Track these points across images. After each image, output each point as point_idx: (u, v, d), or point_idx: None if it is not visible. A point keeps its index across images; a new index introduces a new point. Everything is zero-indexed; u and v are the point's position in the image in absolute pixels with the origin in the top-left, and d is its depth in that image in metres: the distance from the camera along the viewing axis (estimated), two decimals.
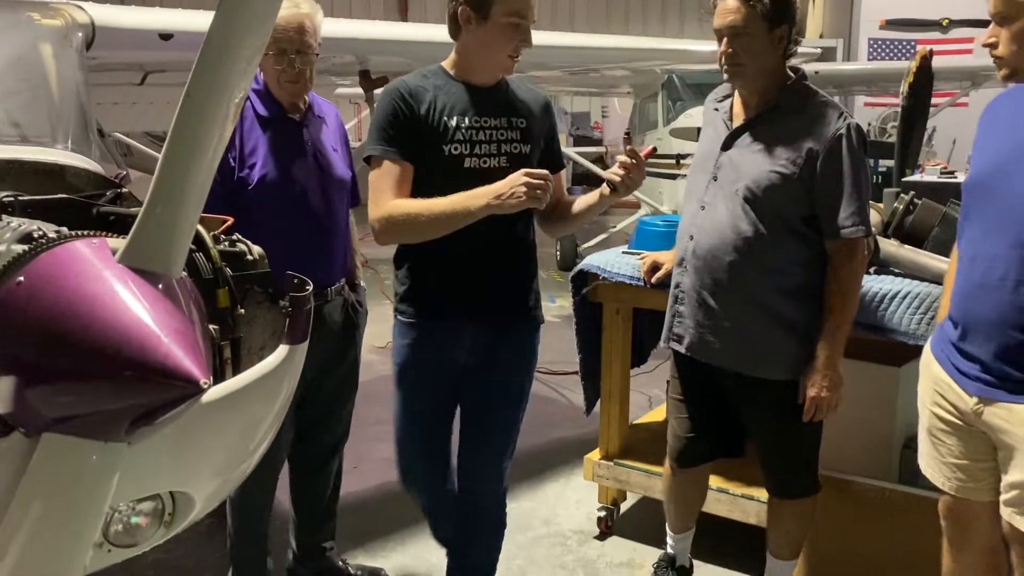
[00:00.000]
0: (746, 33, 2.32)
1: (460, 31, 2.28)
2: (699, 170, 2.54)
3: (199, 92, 1.23)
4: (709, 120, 2.59)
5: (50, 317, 1.18)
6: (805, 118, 2.38)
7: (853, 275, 2.41)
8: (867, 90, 10.70)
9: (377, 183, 2.26)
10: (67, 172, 2.10)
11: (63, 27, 2.57)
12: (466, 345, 2.42)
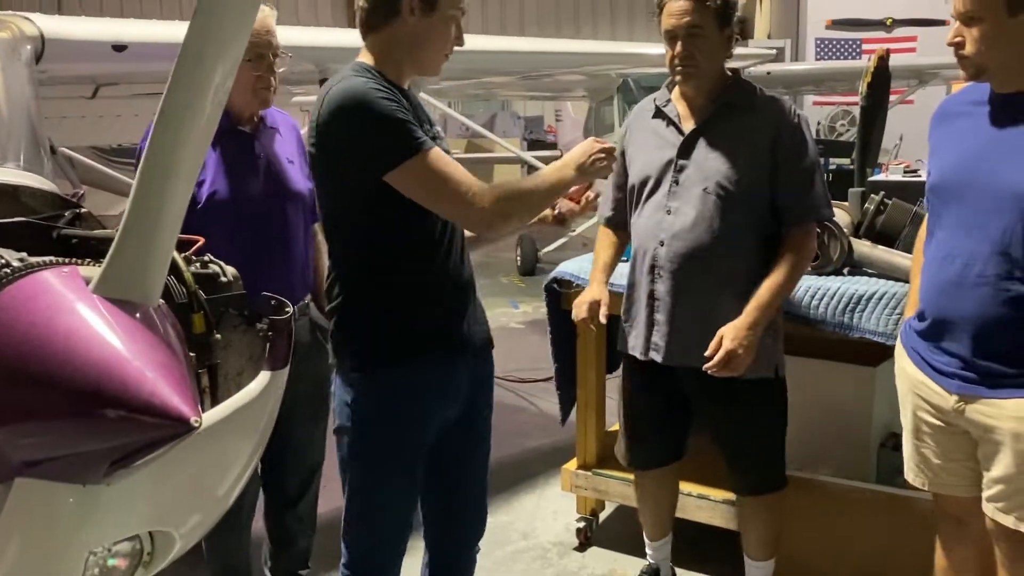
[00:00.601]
0: (701, 33, 2.33)
1: (389, 24, 1.97)
2: (652, 178, 2.51)
3: (174, 111, 1.16)
4: (643, 128, 2.57)
5: (21, 354, 1.09)
6: (759, 113, 2.43)
7: (808, 257, 2.51)
8: (816, 89, 10.87)
9: (449, 170, 1.92)
10: (21, 192, 2.00)
11: (10, 40, 2.46)
12: (451, 392, 2.12)
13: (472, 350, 2.15)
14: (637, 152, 2.57)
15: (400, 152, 1.88)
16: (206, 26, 1.14)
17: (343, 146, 1.92)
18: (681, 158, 2.45)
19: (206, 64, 1.15)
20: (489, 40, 6.61)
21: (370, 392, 2.05)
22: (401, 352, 2.03)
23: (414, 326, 2.04)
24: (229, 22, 1.16)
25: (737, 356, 2.35)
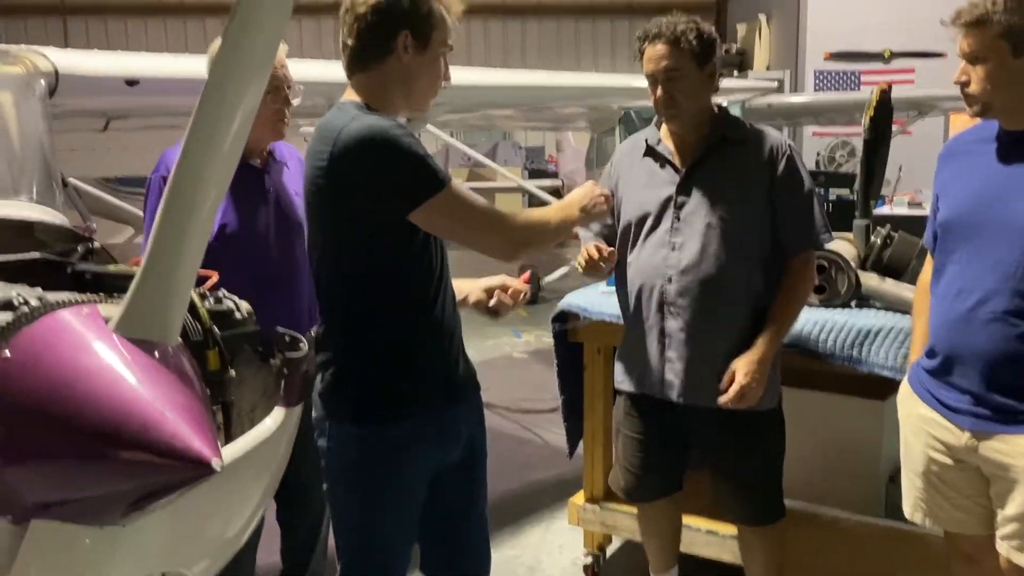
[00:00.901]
0: (680, 76, 2.38)
1: (382, 62, 1.95)
2: (652, 215, 2.52)
3: (196, 150, 1.17)
4: (635, 166, 2.58)
5: (42, 395, 1.09)
6: (751, 145, 2.47)
7: (810, 285, 2.60)
8: (815, 120, 10.95)
9: (473, 201, 1.95)
10: (36, 227, 2.01)
11: (24, 75, 2.49)
12: (453, 438, 2.08)
13: (466, 392, 2.14)
14: (631, 190, 2.58)
15: (427, 188, 1.88)
16: (229, 66, 1.15)
17: (362, 184, 1.88)
18: (681, 194, 2.48)
19: (228, 105, 1.16)
20: (492, 74, 6.67)
21: (372, 445, 1.98)
22: (404, 403, 1.99)
23: (416, 375, 2.01)
24: (252, 61, 1.18)
25: (751, 390, 2.37)
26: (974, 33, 1.98)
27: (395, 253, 1.95)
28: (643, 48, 2.43)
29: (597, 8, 16.78)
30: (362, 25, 1.93)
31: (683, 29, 2.36)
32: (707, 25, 2.44)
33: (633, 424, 2.67)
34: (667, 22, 2.39)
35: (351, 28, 1.95)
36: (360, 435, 1.99)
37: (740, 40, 14.34)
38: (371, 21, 1.92)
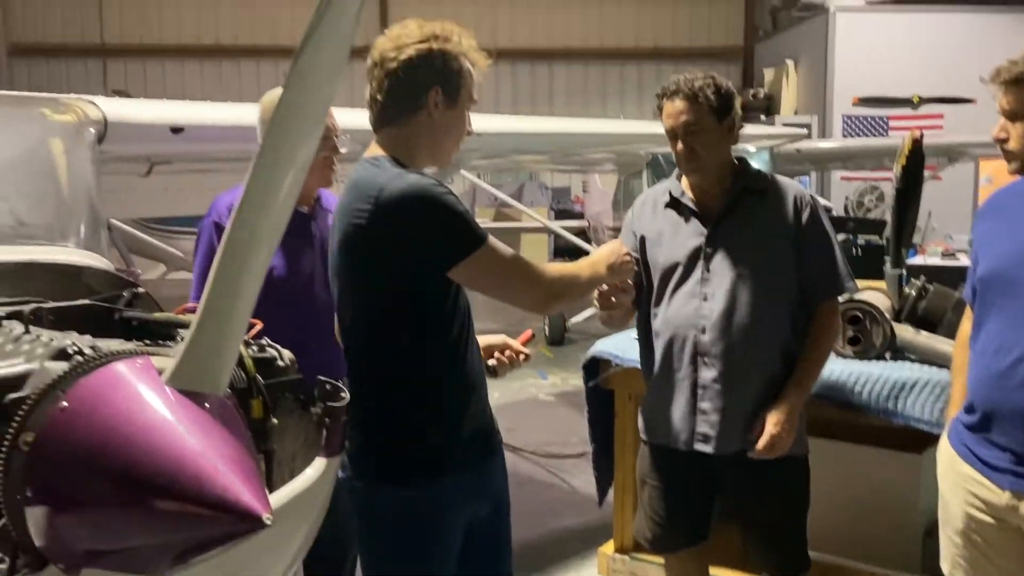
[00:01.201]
0: (699, 130, 2.42)
1: (412, 118, 1.97)
2: (681, 266, 2.53)
3: (251, 209, 1.20)
4: (658, 217, 2.60)
5: (98, 446, 1.11)
6: (774, 195, 2.52)
7: (836, 332, 2.64)
8: (843, 165, 10.95)
9: (510, 256, 1.97)
10: (83, 273, 2.05)
11: (75, 123, 2.56)
12: (487, 492, 2.08)
13: (498, 444, 2.14)
14: (656, 242, 2.60)
15: (468, 245, 1.91)
16: (284, 128, 1.19)
17: (406, 241, 1.90)
18: (709, 245, 2.51)
19: (282, 164, 1.19)
20: (522, 121, 6.76)
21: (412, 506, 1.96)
22: (443, 460, 1.98)
23: (453, 430, 2.00)
24: (306, 123, 1.21)
25: (781, 439, 2.39)
26: (1014, 91, 1.99)
27: (430, 308, 1.96)
28: (662, 104, 2.49)
29: (624, 52, 16.96)
30: (393, 81, 1.94)
31: (700, 85, 2.42)
32: (724, 80, 2.49)
33: (659, 474, 2.66)
34: (684, 79, 2.45)
35: (381, 83, 1.96)
36: (399, 497, 1.97)
37: (767, 85, 14.42)
38: (402, 77, 1.93)
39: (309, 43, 1.15)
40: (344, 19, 1.18)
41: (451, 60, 1.96)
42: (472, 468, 2.02)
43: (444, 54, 1.95)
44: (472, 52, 2.01)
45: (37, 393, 1.19)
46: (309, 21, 1.16)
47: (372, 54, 1.97)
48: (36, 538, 1.16)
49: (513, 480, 2.26)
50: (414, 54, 1.93)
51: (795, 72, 13.65)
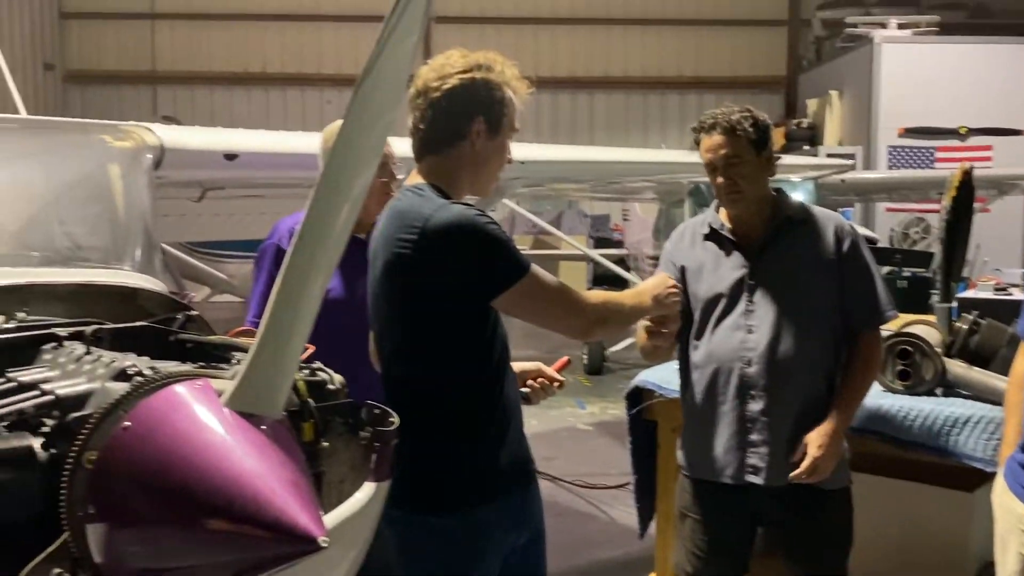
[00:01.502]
0: (739, 162, 2.44)
1: (454, 148, 1.99)
2: (725, 297, 2.52)
3: (311, 237, 1.22)
4: (697, 248, 2.60)
5: (158, 466, 1.14)
6: (814, 225, 2.51)
7: (878, 360, 2.62)
8: (889, 197, 10.83)
9: (553, 283, 1.99)
10: (138, 295, 2.10)
11: (133, 149, 2.64)
12: (527, 520, 2.09)
13: (534, 471, 2.14)
14: (696, 274, 2.59)
15: (513, 274, 1.92)
16: (343, 158, 1.21)
17: (451, 270, 1.91)
18: (752, 277, 2.50)
19: (340, 196, 1.22)
20: (563, 150, 6.81)
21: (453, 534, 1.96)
22: (487, 486, 1.99)
23: (494, 456, 2.00)
24: (364, 156, 1.24)
25: (823, 462, 2.37)
26: None
27: (471, 337, 1.98)
28: (699, 138, 2.50)
29: (666, 81, 17.00)
30: (437, 110, 1.96)
31: (738, 118, 2.43)
32: (760, 113, 2.50)
33: (700, 507, 2.63)
34: (722, 112, 2.46)
35: (424, 113, 1.97)
36: (436, 525, 1.96)
37: (811, 115, 14.35)
38: (445, 106, 1.95)
39: (369, 75, 1.18)
40: (402, 51, 1.21)
41: (494, 90, 1.98)
42: (509, 496, 2.02)
43: (487, 84, 1.97)
44: (514, 81, 2.03)
45: (100, 412, 1.22)
46: (369, 54, 1.19)
47: (415, 83, 1.98)
48: (96, 555, 1.18)
49: (552, 511, 2.26)
50: (457, 84, 1.94)
51: (839, 102, 13.57)
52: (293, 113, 16.24)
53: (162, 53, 16.47)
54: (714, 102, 2.59)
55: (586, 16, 16.79)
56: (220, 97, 16.62)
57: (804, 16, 16.62)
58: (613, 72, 17.03)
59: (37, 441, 1.26)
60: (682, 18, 16.84)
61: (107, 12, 16.55)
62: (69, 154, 2.53)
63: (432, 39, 16.53)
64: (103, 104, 16.30)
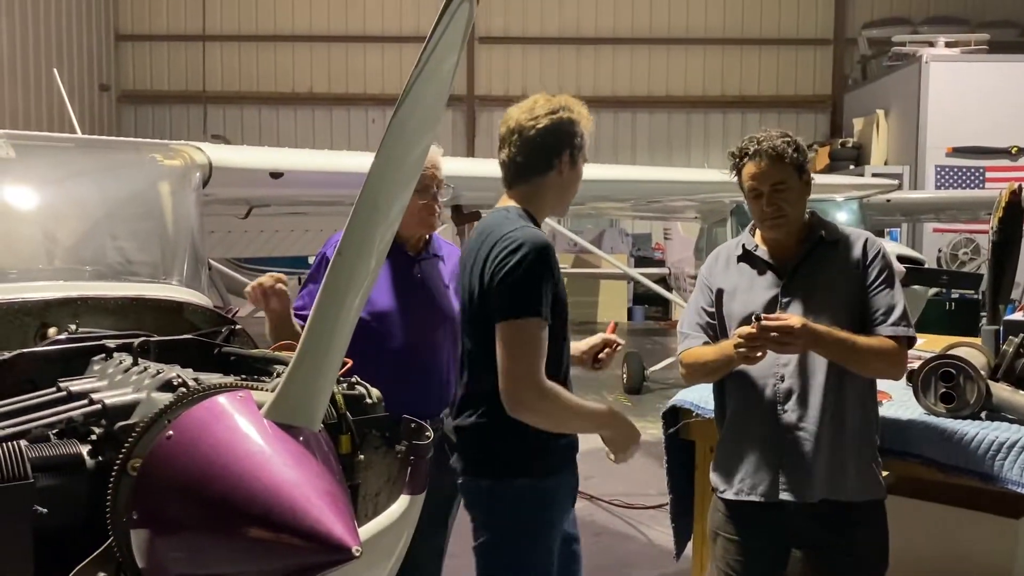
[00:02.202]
0: (786, 188, 2.46)
1: (541, 177, 2.32)
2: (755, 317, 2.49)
3: (349, 254, 1.26)
4: (729, 270, 2.61)
5: (200, 474, 1.18)
6: (844, 245, 2.53)
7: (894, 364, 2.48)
8: (937, 218, 10.64)
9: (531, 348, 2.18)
10: (184, 309, 2.16)
11: (182, 167, 2.71)
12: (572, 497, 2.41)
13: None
14: (732, 294, 2.60)
15: (511, 312, 2.16)
16: (382, 178, 1.24)
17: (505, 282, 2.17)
18: (785, 296, 2.52)
19: (381, 211, 1.25)
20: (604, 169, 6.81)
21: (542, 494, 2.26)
22: (558, 456, 2.28)
23: (555, 440, 2.26)
24: (401, 175, 1.27)
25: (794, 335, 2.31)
26: None
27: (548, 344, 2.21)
28: (741, 164, 2.51)
29: (709, 101, 16.95)
30: (531, 146, 2.29)
31: (781, 144, 2.44)
32: (798, 137, 2.52)
33: (734, 527, 2.61)
34: (764, 138, 2.47)
35: (519, 147, 2.30)
36: (519, 487, 2.25)
37: (857, 134, 14.19)
38: (539, 142, 2.29)
39: (408, 96, 1.21)
40: (442, 73, 1.24)
41: (575, 127, 2.32)
42: (568, 471, 2.33)
43: (571, 122, 2.32)
44: (586, 119, 2.36)
45: (146, 421, 1.26)
46: (409, 74, 1.22)
47: (507, 123, 2.33)
48: (139, 559, 1.22)
49: (589, 530, 2.33)
50: (548, 123, 2.28)
51: (886, 121, 13.41)
52: (338, 132, 16.51)
53: (212, 74, 16.88)
54: (757, 121, 2.63)
55: (628, 36, 16.85)
56: (268, 116, 16.97)
57: (850, 35, 16.48)
58: (656, 91, 17.04)
59: (85, 448, 1.31)
60: (726, 37, 16.81)
61: (160, 35, 17.04)
62: (121, 172, 2.61)
63: (476, 59, 16.75)
64: (155, 123, 16.76)
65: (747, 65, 16.90)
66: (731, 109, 16.87)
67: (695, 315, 2.66)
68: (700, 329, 2.64)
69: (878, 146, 13.40)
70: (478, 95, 16.83)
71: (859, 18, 16.46)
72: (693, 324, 2.65)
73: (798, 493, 2.46)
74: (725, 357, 2.46)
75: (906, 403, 2.84)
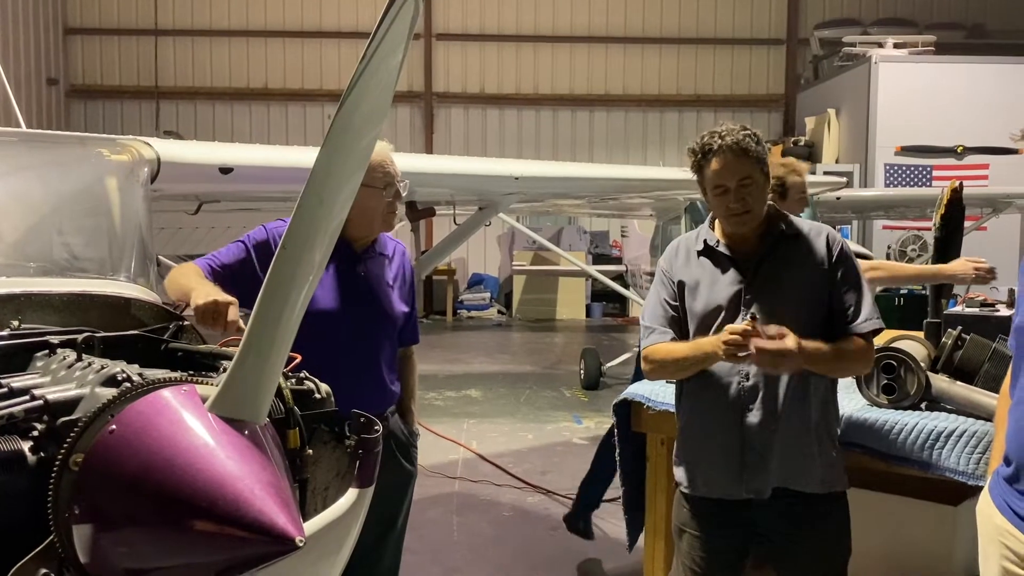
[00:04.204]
0: (752, 182, 2.46)
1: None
2: (724, 310, 2.53)
3: (294, 247, 1.26)
4: (690, 265, 2.61)
5: (143, 468, 1.17)
6: (806, 239, 2.54)
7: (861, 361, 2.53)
8: (886, 215, 10.87)
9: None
10: (132, 305, 2.13)
11: (130, 162, 2.67)
12: None
13: None
14: (694, 289, 2.59)
15: None
16: (327, 170, 1.25)
17: None
18: (748, 292, 2.51)
19: (325, 207, 1.25)
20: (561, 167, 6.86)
21: None
22: None
23: None
24: (349, 164, 1.28)
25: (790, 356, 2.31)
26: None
27: None
28: (703, 160, 2.48)
29: (665, 100, 17.11)
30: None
31: (744, 139, 2.43)
32: (756, 130, 2.52)
33: (699, 523, 2.63)
34: (726, 132, 2.46)
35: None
36: None
37: (809, 133, 14.44)
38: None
39: (353, 91, 1.22)
40: (388, 68, 1.25)
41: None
42: None
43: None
44: None
45: (88, 417, 1.25)
46: (355, 68, 1.23)
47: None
48: (81, 555, 1.21)
49: (545, 524, 2.30)
50: None
51: (837, 121, 13.66)
52: (294, 128, 16.36)
53: (165, 69, 16.61)
54: (712, 120, 2.66)
55: (586, 34, 16.94)
56: (222, 113, 16.74)
57: (802, 35, 16.77)
58: (612, 90, 17.16)
59: (26, 444, 1.29)
60: (681, 37, 16.99)
61: (111, 28, 16.71)
62: (66, 167, 2.56)
63: (434, 56, 16.70)
64: (106, 119, 16.45)
65: (702, 64, 17.10)
66: (687, 108, 17.05)
67: (660, 308, 2.62)
68: (666, 323, 2.60)
69: (829, 145, 13.64)
70: (436, 92, 16.80)
71: (811, 19, 16.75)
72: (658, 318, 2.61)
73: (763, 489, 2.49)
74: (700, 355, 2.43)
75: (850, 395, 2.91)
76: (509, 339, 14.01)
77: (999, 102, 11.87)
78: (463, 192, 4.33)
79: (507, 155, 15.63)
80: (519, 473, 5.99)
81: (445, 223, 6.93)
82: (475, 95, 16.83)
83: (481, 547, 4.63)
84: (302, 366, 1.80)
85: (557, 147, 16.74)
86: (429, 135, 16.72)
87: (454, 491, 5.67)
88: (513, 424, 7.69)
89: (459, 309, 16.42)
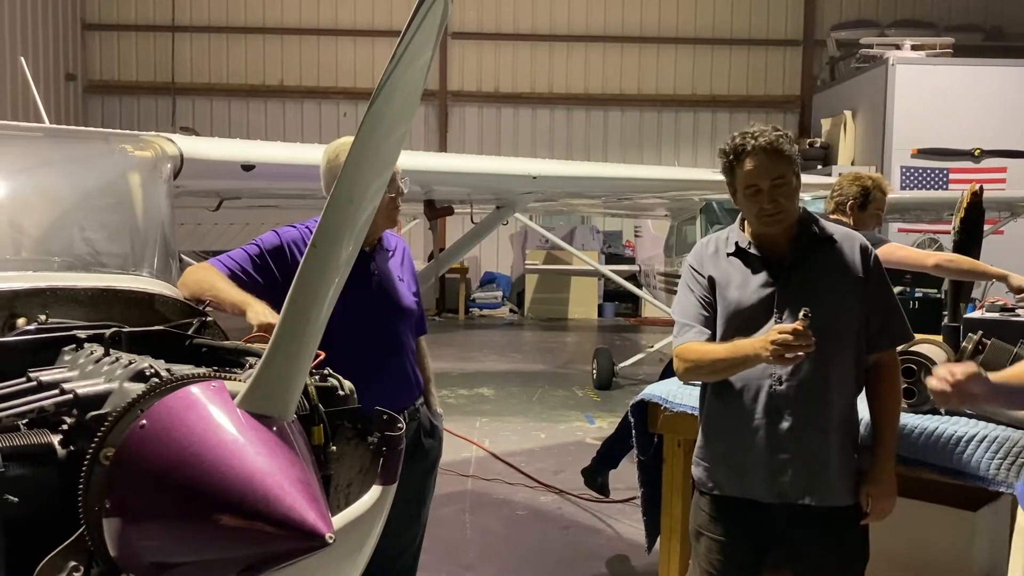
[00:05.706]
0: (785, 183, 2.44)
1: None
2: (751, 317, 2.50)
3: (324, 244, 1.26)
4: (719, 265, 2.58)
5: (173, 463, 1.18)
6: (839, 244, 2.52)
7: (899, 382, 2.57)
8: (901, 217, 10.81)
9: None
10: (155, 300, 2.14)
11: (153, 158, 2.69)
12: None
13: None
14: (725, 290, 2.56)
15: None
16: (358, 168, 1.25)
17: None
18: (781, 295, 2.49)
19: (354, 207, 1.26)
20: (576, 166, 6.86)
21: None
22: None
23: None
24: (378, 167, 1.28)
25: (884, 509, 2.46)
26: None
27: None
28: (736, 161, 2.45)
29: (679, 100, 17.06)
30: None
31: (778, 139, 2.42)
32: (787, 131, 2.52)
33: (719, 526, 2.61)
34: (759, 132, 2.44)
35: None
36: None
37: (824, 135, 14.37)
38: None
39: (384, 89, 1.22)
40: (417, 67, 1.25)
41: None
42: None
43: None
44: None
45: (118, 411, 1.26)
46: (384, 68, 1.23)
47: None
48: (111, 548, 1.22)
49: (558, 524, 2.30)
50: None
51: (853, 122, 13.58)
52: (309, 126, 16.41)
53: (182, 65, 16.69)
54: (727, 121, 2.64)
55: (601, 34, 16.91)
56: (238, 109, 16.82)
57: (819, 36, 16.68)
58: (628, 90, 17.13)
59: (56, 438, 1.31)
60: (697, 37, 16.93)
61: (128, 24, 16.80)
62: (91, 163, 2.58)
63: (449, 54, 16.72)
64: (123, 114, 16.55)
65: (718, 65, 17.04)
66: (701, 108, 16.99)
67: (696, 306, 2.57)
68: (703, 322, 2.56)
69: (845, 146, 13.58)
70: (451, 91, 16.82)
71: (828, 20, 16.67)
72: (696, 316, 2.57)
73: (786, 495, 2.47)
74: (740, 356, 2.38)
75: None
76: (521, 338, 14.02)
77: (1017, 105, 11.80)
78: (481, 191, 4.34)
79: (521, 154, 15.62)
80: (532, 472, 6.00)
81: (458, 222, 6.95)
82: (490, 94, 16.83)
83: (494, 545, 4.64)
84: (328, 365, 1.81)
85: (572, 146, 16.72)
86: (443, 133, 16.74)
87: (467, 489, 5.68)
88: (525, 423, 7.70)
89: (471, 307, 16.45)
